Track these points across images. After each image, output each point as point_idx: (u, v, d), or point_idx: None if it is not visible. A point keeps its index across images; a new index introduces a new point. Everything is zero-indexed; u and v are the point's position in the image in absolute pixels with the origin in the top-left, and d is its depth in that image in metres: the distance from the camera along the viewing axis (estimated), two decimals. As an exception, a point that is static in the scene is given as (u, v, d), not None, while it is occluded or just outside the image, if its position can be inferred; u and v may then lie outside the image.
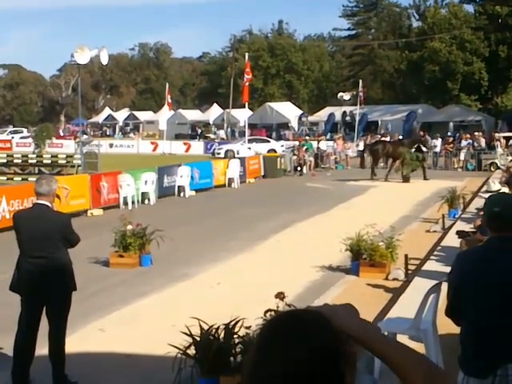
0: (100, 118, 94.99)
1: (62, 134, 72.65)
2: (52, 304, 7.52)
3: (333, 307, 1.99)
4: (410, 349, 2.02)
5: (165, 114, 59.91)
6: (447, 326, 5.95)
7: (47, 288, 7.42)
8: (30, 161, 32.79)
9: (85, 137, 42.98)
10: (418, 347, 8.05)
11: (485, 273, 4.21)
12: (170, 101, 56.04)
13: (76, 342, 8.98)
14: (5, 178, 29.93)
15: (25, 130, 78.36)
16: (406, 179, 30.94)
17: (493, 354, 4.13)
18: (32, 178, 27.56)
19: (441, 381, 1.95)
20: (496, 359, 4.10)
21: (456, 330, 4.55)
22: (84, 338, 9.25)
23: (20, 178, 28.96)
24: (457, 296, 4.34)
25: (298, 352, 1.72)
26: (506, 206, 4.29)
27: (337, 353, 1.76)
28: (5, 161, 32.35)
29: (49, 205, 7.63)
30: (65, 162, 31.98)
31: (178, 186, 26.77)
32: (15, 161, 32.65)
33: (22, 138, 66.56)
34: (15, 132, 76.09)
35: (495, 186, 15.11)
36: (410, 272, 12.38)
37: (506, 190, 14.13)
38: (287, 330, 1.77)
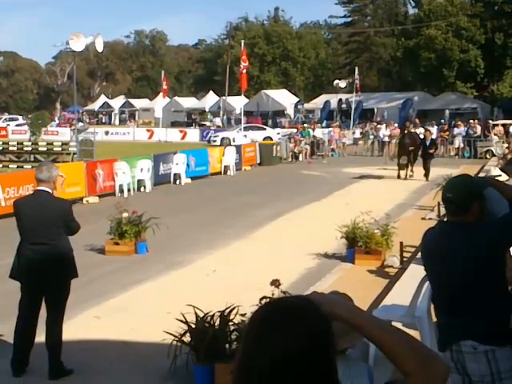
0: (96, 106, 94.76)
1: (57, 122, 72.39)
2: (52, 291, 7.54)
3: (323, 294, 1.99)
4: (404, 332, 2.03)
5: (160, 101, 59.82)
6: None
7: (48, 275, 7.42)
8: (25, 148, 32.72)
9: (80, 124, 42.86)
10: (413, 334, 8.06)
11: (436, 255, 4.45)
12: (165, 87, 55.90)
13: (72, 330, 8.99)
14: (0, 165, 29.88)
15: (20, 117, 78.20)
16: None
17: (447, 330, 4.34)
18: (27, 166, 27.57)
19: (434, 364, 1.95)
20: (450, 335, 4.29)
21: (450, 316, 4.62)
22: (80, 325, 9.26)
23: (15, 166, 28.93)
24: (425, 270, 4.71)
25: (286, 338, 1.72)
26: (458, 192, 4.41)
27: (325, 338, 1.77)
28: (0, 148, 32.28)
29: (49, 191, 7.66)
30: (60, 149, 31.93)
31: (174, 174, 26.76)
32: (11, 148, 32.60)
33: (17, 125, 66.41)
34: (11, 119, 75.89)
35: (495, 171, 15.12)
36: (405, 259, 12.41)
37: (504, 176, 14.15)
38: (275, 318, 1.78)
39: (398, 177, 27.61)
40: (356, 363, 2.14)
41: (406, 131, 28.50)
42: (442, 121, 48.78)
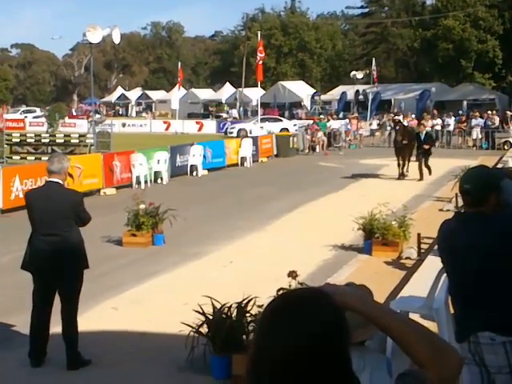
0: (112, 98, 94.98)
1: (74, 114, 72.65)
2: (64, 282, 7.56)
3: (336, 285, 1.99)
4: (417, 323, 2.02)
5: (177, 93, 59.79)
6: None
7: (60, 266, 7.45)
8: (43, 140, 32.80)
9: (97, 116, 42.99)
10: (431, 326, 8.04)
11: (453, 246, 4.43)
12: (180, 78, 55.88)
13: (89, 321, 9.04)
14: (18, 157, 29.99)
15: (38, 109, 78.50)
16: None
17: (465, 321, 4.30)
18: (45, 158, 27.58)
19: (448, 356, 1.95)
20: (468, 326, 4.26)
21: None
22: (97, 316, 9.30)
23: (33, 158, 29.00)
24: (442, 262, 4.68)
25: (299, 329, 1.72)
26: (476, 183, 4.39)
27: (338, 329, 1.76)
28: (18, 140, 32.36)
29: (61, 182, 7.67)
30: (78, 141, 31.99)
31: (191, 165, 26.77)
32: (28, 140, 32.65)
33: (35, 117, 66.67)
34: (28, 111, 76.21)
35: (512, 163, 15.06)
36: (422, 251, 12.37)
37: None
38: (288, 309, 1.77)
39: (401, 176, 24.84)
40: (374, 354, 2.13)
41: (396, 124, 25.76)
42: (460, 112, 48.53)
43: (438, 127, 40.40)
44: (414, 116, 43.77)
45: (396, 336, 1.95)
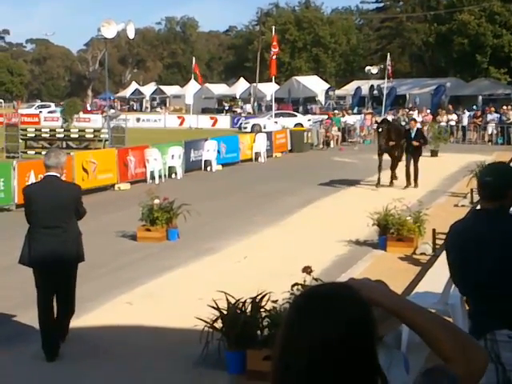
0: (127, 93, 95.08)
1: (89, 109, 72.83)
2: (65, 273, 7.70)
3: (361, 280, 1.97)
4: (442, 318, 2.00)
5: (191, 88, 59.80)
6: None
7: (61, 258, 7.56)
8: (57, 135, 32.94)
9: (112, 111, 43.07)
10: (446, 322, 8.01)
11: (469, 243, 4.36)
12: (198, 73, 55.88)
13: (104, 315, 9.07)
14: (33, 152, 30.12)
15: (52, 104, 78.75)
16: (434, 153, 30.74)
17: (482, 318, 4.27)
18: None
19: (475, 351, 1.93)
20: (485, 323, 4.23)
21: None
22: (112, 311, 9.32)
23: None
24: (450, 265, 4.58)
25: (325, 325, 1.70)
26: (497, 176, 4.36)
27: (365, 324, 1.74)
28: (33, 135, 32.53)
29: (59, 176, 7.80)
30: (92, 136, 32.11)
31: (205, 161, 26.78)
32: (43, 135, 32.82)
33: (49, 112, 66.90)
34: (43, 106, 76.49)
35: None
36: (437, 247, 12.30)
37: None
38: (314, 304, 1.76)
39: (378, 184, 21.16)
40: (391, 350, 2.11)
41: (379, 125, 21.72)
42: (475, 107, 48.28)
43: (453, 122, 40.24)
44: (429, 111, 43.62)
45: (422, 331, 1.93)
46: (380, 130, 21.07)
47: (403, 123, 41.25)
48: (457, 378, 1.85)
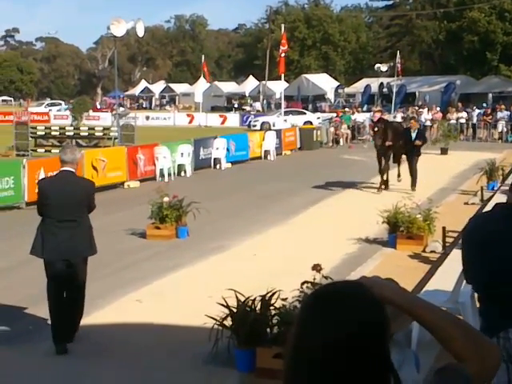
0: (136, 91, 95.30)
1: (98, 107, 72.96)
2: (77, 266, 7.87)
3: (373, 278, 1.96)
4: (456, 317, 1.99)
5: (201, 86, 59.84)
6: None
7: (74, 250, 7.77)
8: (67, 133, 33.04)
9: (121, 109, 43.13)
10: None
11: (489, 236, 4.24)
12: (207, 72, 55.92)
13: (113, 313, 9.08)
14: (43, 150, 30.20)
15: (62, 102, 78.94)
16: (444, 151, 30.67)
17: (494, 316, 4.20)
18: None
19: (489, 350, 1.91)
20: (498, 322, 4.17)
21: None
22: (121, 309, 9.33)
23: (58, 151, 29.01)
24: (465, 260, 4.50)
25: (337, 324, 1.69)
26: None
27: (379, 323, 1.73)
28: (43, 133, 32.63)
29: (74, 171, 7.97)
30: (102, 134, 32.18)
31: (214, 159, 26.79)
32: (53, 133, 32.93)
33: (59, 110, 67.04)
34: (53, 105, 76.68)
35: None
36: (447, 244, 12.28)
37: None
38: (326, 303, 1.74)
39: (380, 187, 19.92)
40: (402, 348, 2.09)
41: (375, 125, 19.95)
42: (485, 105, 48.15)
43: (463, 120, 40.14)
44: (438, 109, 43.49)
45: (434, 329, 1.91)
46: (376, 128, 19.67)
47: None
48: (470, 377, 1.84)
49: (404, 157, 20.31)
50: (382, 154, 19.73)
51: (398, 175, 20.45)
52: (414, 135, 19.68)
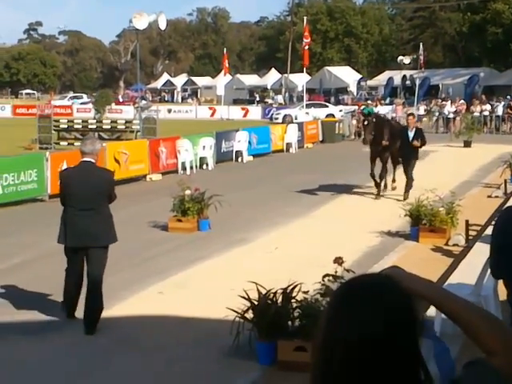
0: (158, 84, 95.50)
1: (121, 100, 73.20)
2: (98, 253, 8.12)
3: (402, 270, 1.94)
4: (485, 310, 1.96)
5: (223, 79, 59.84)
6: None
7: (95, 238, 8.05)
8: (90, 126, 33.14)
9: (143, 102, 43.22)
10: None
11: None
12: (227, 65, 55.91)
13: (136, 305, 9.12)
14: (65, 143, 30.34)
15: (85, 95, 79.28)
16: (467, 144, 30.46)
17: None
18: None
19: None
20: None
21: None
22: (144, 300, 9.37)
23: (80, 143, 29.37)
24: (493, 252, 4.39)
25: (365, 317, 1.67)
26: None
27: (406, 315, 1.71)
28: (65, 126, 32.76)
29: (94, 162, 8.26)
30: (124, 127, 32.27)
31: (236, 151, 26.79)
32: (75, 126, 33.04)
33: (82, 103, 67.36)
34: (75, 98, 77.04)
35: None
36: (470, 238, 12.19)
37: None
38: (354, 295, 1.72)
39: (378, 193, 17.74)
40: (436, 340, 2.06)
41: (365, 118, 18.05)
42: (509, 97, 47.74)
43: (487, 113, 39.84)
44: (462, 101, 43.18)
45: (464, 323, 1.89)
46: (366, 122, 17.48)
47: (436, 113, 40.97)
48: (498, 370, 1.82)
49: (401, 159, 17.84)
50: (377, 155, 17.65)
51: (393, 180, 18.53)
52: (411, 135, 17.06)
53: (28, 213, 16.09)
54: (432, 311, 3.07)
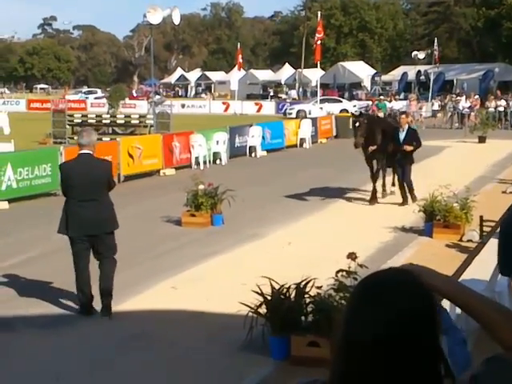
0: (172, 79, 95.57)
1: (134, 95, 73.31)
2: (103, 241, 8.41)
3: (420, 266, 1.92)
4: (502, 305, 1.95)
5: (236, 74, 59.81)
6: (524, 289, 5.80)
7: (98, 227, 8.32)
8: (104, 121, 33.25)
9: (157, 97, 43.25)
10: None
11: None
12: (240, 61, 55.89)
13: (149, 300, 9.13)
14: (80, 137, 30.39)
15: (99, 90, 79.44)
16: (481, 140, 30.32)
17: None
18: (106, 138, 28.00)
19: None
20: None
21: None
22: (157, 295, 9.38)
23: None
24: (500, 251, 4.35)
25: (387, 312, 1.65)
26: None
27: (430, 313, 1.70)
28: (80, 121, 32.85)
29: (92, 153, 8.50)
30: (138, 122, 32.33)
31: (250, 146, 26.78)
32: (89, 121, 33.13)
33: (96, 98, 67.51)
34: (90, 92, 77.21)
35: None
36: (485, 233, 12.13)
37: None
38: (374, 291, 1.71)
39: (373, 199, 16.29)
40: (455, 333, 2.05)
41: (357, 119, 16.26)
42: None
43: (502, 108, 39.62)
44: (477, 97, 42.97)
45: (481, 318, 1.88)
46: (357, 124, 15.89)
47: (451, 109, 40.76)
48: None
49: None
50: (371, 157, 16.34)
51: (393, 184, 17.18)
52: (402, 136, 15.53)
53: (42, 207, 16.14)
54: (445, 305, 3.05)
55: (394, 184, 17.14)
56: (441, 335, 1.72)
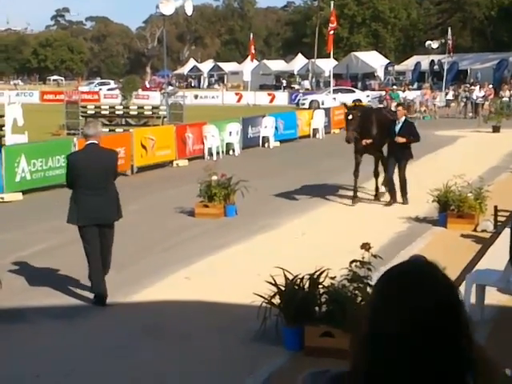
0: (185, 70, 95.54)
1: (147, 86, 73.35)
2: (109, 228, 8.69)
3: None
4: None
5: (249, 64, 59.72)
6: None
7: (105, 214, 8.55)
8: (117, 112, 33.22)
9: (170, 88, 43.25)
10: (508, 299, 7.86)
11: None
12: (253, 51, 55.80)
13: (163, 290, 9.15)
14: (93, 129, 30.43)
15: (112, 81, 79.55)
16: (496, 129, 30.16)
17: None
18: (119, 130, 28.04)
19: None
20: None
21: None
22: (171, 285, 9.39)
23: (107, 129, 29.38)
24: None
25: (418, 306, 1.63)
26: None
27: (456, 304, 1.68)
28: (93, 112, 32.84)
29: (98, 143, 8.72)
30: (151, 113, 32.32)
31: (263, 137, 26.75)
32: (103, 112, 33.10)
33: (109, 89, 67.60)
34: (103, 84, 77.35)
35: None
36: (499, 223, 12.09)
37: None
38: (403, 282, 1.69)
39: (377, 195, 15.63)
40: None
41: (350, 111, 14.97)
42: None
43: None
44: (491, 86, 42.72)
45: None
46: (350, 116, 14.78)
47: (464, 99, 40.53)
48: None
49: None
50: (362, 151, 15.41)
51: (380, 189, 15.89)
52: (397, 129, 14.49)
53: (56, 198, 16.17)
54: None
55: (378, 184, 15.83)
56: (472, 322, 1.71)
